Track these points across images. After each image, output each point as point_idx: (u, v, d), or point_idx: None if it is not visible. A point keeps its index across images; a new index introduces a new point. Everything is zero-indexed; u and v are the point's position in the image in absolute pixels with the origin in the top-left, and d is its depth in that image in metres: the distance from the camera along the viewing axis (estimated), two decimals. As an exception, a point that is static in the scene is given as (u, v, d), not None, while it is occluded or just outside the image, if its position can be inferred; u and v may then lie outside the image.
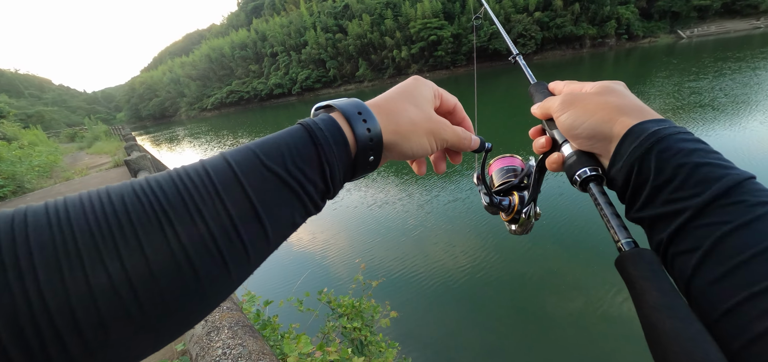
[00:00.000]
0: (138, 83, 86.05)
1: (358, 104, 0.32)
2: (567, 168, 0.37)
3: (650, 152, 0.29)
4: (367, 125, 0.31)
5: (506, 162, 0.52)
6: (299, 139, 0.28)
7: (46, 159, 8.62)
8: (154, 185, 0.23)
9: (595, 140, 0.34)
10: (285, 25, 62.84)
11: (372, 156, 0.31)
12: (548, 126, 0.41)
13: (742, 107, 8.20)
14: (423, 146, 0.35)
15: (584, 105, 0.35)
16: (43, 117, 42.25)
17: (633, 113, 0.32)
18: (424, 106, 0.36)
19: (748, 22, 39.32)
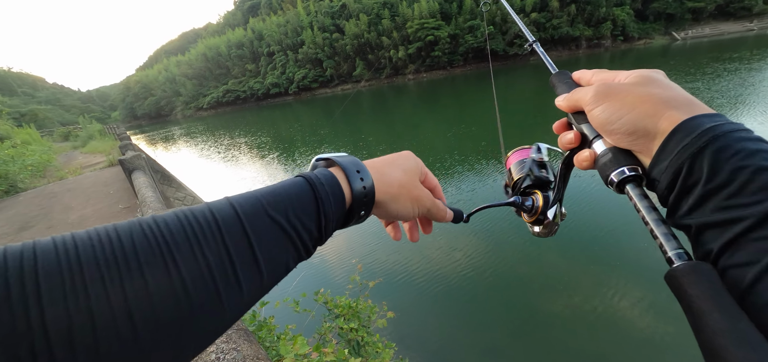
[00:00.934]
0: (133, 82, 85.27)
1: (356, 162, 0.36)
2: (601, 167, 0.34)
3: (704, 152, 0.26)
4: (364, 183, 0.34)
5: (525, 154, 0.50)
6: (303, 193, 0.31)
7: (39, 158, 8.51)
8: (160, 224, 0.24)
9: (635, 136, 0.31)
10: (282, 24, 62.59)
11: (364, 211, 0.35)
12: (576, 120, 0.38)
13: (740, 107, 8.29)
14: (407, 210, 0.39)
15: (623, 97, 0.32)
16: (37, 116, 41.74)
17: (682, 106, 0.29)
18: (411, 175, 0.40)
19: (741, 25, 39.81)
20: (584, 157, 0.36)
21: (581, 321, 3.00)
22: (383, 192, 0.36)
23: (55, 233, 1.94)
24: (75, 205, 4.64)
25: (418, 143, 10.08)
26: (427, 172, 0.44)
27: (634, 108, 0.30)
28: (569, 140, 0.38)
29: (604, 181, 0.33)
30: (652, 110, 0.29)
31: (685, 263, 0.25)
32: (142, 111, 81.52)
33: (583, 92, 0.36)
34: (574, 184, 5.38)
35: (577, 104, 0.37)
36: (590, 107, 0.34)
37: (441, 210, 0.43)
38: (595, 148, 0.35)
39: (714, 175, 0.25)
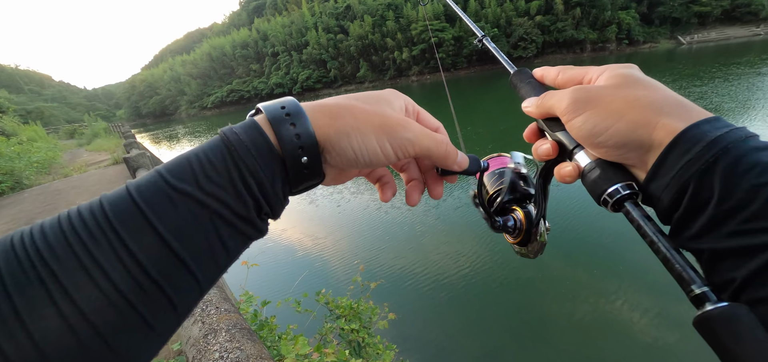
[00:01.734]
0: (138, 81, 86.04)
1: (287, 101, 0.27)
2: (590, 185, 0.29)
3: (713, 169, 0.22)
4: (295, 127, 0.25)
5: (498, 163, 0.44)
6: (212, 150, 0.24)
7: (44, 155, 8.60)
8: (36, 235, 0.19)
9: (626, 149, 0.27)
10: (286, 24, 62.95)
11: (306, 158, 0.26)
12: (549, 127, 0.33)
13: (750, 111, 8.22)
14: (371, 148, 0.27)
15: (607, 104, 0.27)
16: (43, 113, 42.20)
17: (676, 111, 0.25)
18: (376, 104, 0.30)
19: (748, 29, 39.49)
20: (567, 172, 0.31)
21: (583, 325, 2.97)
22: (325, 128, 0.26)
23: (60, 229, 1.91)
24: (80, 202, 4.66)
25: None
26: (420, 110, 0.34)
27: (621, 117, 0.26)
28: (546, 151, 0.33)
29: (594, 199, 0.29)
30: (643, 118, 0.26)
31: (723, 308, 0.22)
32: (147, 110, 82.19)
33: (557, 99, 0.31)
34: (572, 188, 5.34)
35: (549, 111, 0.32)
36: (568, 117, 0.29)
37: (443, 143, 0.30)
38: (578, 160, 0.30)
39: (728, 195, 0.22)
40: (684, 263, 0.25)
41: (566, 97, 0.30)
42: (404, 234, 4.87)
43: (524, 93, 0.37)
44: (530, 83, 0.37)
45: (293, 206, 6.72)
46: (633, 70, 0.30)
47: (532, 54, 44.62)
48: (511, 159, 0.43)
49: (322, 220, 5.79)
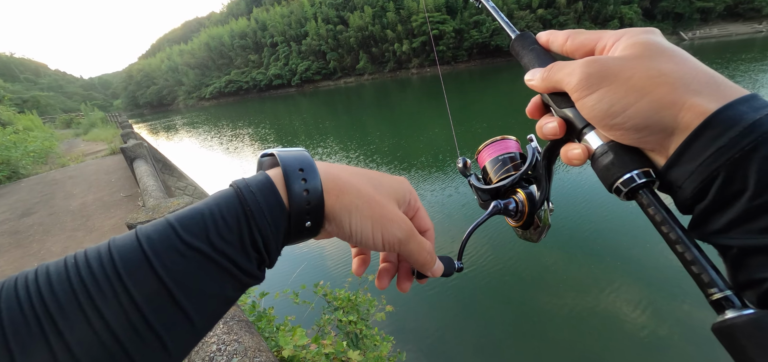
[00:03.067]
0: (135, 70, 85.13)
1: (304, 159, 0.28)
2: (602, 170, 0.27)
3: (750, 157, 0.20)
4: (307, 185, 0.27)
5: (500, 148, 0.41)
6: (227, 207, 0.25)
7: (41, 145, 8.53)
8: (40, 278, 0.19)
9: (647, 132, 0.24)
10: (286, 15, 62.18)
11: (309, 222, 0.27)
12: (556, 103, 0.30)
13: None
14: (365, 231, 0.28)
15: (625, 79, 0.24)
16: (39, 102, 41.74)
17: (706, 88, 0.23)
18: (385, 192, 0.31)
19: (750, 26, 39.31)
20: (575, 154, 0.28)
21: (579, 318, 3.00)
22: (334, 200, 0.28)
23: (57, 219, 1.96)
24: (77, 192, 4.66)
25: (420, 138, 10.05)
26: (419, 207, 0.35)
27: (643, 95, 0.23)
28: (552, 130, 0.30)
29: (605, 186, 0.27)
30: (670, 97, 0.23)
31: (750, 316, 0.20)
32: (145, 100, 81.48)
33: (566, 72, 0.28)
34: (571, 174, 5.36)
35: (557, 86, 0.29)
36: (580, 94, 0.26)
37: (425, 252, 0.32)
38: (588, 142, 0.28)
39: (765, 187, 0.20)
40: (706, 262, 0.23)
41: (578, 70, 0.26)
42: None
43: (527, 62, 0.33)
44: (534, 50, 0.33)
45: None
46: (655, 36, 0.26)
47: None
48: (517, 143, 0.41)
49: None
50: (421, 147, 8.91)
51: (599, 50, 0.28)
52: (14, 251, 2.92)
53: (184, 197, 1.21)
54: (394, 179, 0.33)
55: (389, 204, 0.30)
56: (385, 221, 0.29)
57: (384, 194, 0.30)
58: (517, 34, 0.36)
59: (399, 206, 0.31)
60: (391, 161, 7.93)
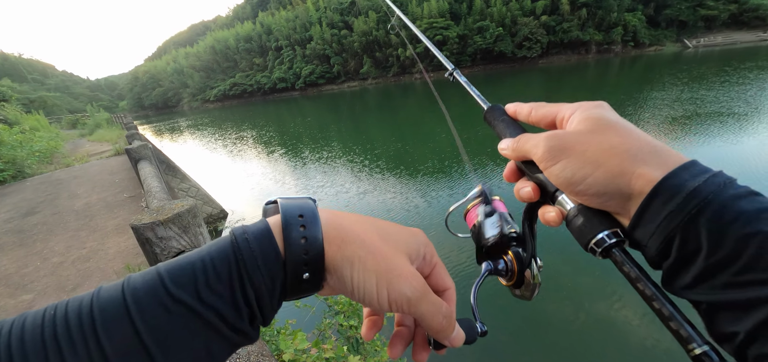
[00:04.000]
0: (141, 72, 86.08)
1: (305, 207, 0.26)
2: (576, 231, 0.29)
3: (697, 220, 0.22)
4: (305, 232, 0.25)
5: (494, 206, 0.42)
6: (219, 255, 0.23)
7: (47, 145, 8.62)
8: (14, 331, 0.19)
9: (607, 197, 0.27)
10: (291, 19, 62.77)
11: (307, 273, 0.25)
12: (529, 170, 0.33)
13: (761, 115, 8.20)
14: (368, 287, 0.25)
15: (581, 152, 0.27)
16: (46, 102, 42.30)
17: (650, 158, 0.25)
18: (392, 244, 0.28)
19: (754, 34, 39.17)
20: (551, 217, 0.31)
21: (580, 323, 2.97)
22: (335, 250, 0.25)
23: (60, 219, 1.96)
24: (81, 192, 4.69)
25: (427, 144, 10.05)
26: (437, 263, 0.31)
27: (598, 165, 0.26)
28: (528, 194, 0.33)
29: (581, 246, 0.29)
30: (620, 167, 0.26)
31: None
32: (150, 101, 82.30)
33: (532, 144, 0.31)
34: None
35: (526, 156, 0.32)
36: (545, 164, 0.30)
37: (440, 315, 0.27)
38: (562, 204, 0.30)
39: (716, 247, 0.22)
40: (681, 318, 0.24)
41: (541, 144, 0.30)
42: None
43: (499, 131, 0.38)
44: (504, 121, 0.37)
45: (294, 201, 6.72)
46: (605, 111, 0.29)
47: (537, 54, 44.39)
48: (499, 199, 0.41)
49: (322, 216, 5.79)
50: (426, 153, 8.91)
51: (559, 121, 0.32)
52: (18, 250, 2.94)
53: (188, 199, 1.21)
54: (406, 230, 0.30)
55: (398, 257, 0.27)
56: (392, 276, 0.26)
57: (393, 245, 0.28)
58: (489, 106, 0.40)
59: (411, 261, 0.28)
60: (396, 166, 7.93)
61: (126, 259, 2.46)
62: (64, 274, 2.39)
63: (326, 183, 7.32)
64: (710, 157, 6.04)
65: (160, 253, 1.12)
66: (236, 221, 6.04)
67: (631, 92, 14.40)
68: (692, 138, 7.20)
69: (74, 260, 2.59)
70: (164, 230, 1.11)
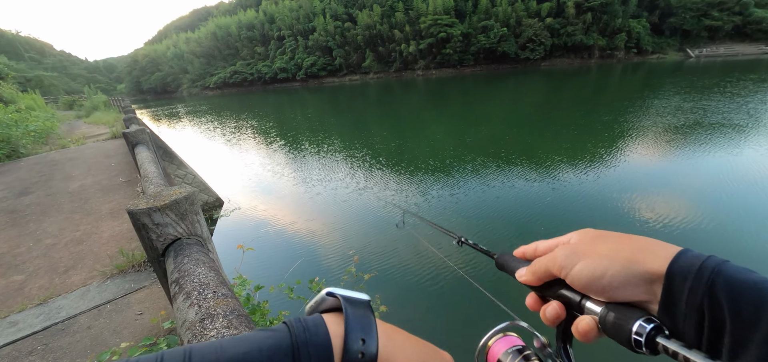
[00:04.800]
0: (141, 56, 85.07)
1: (366, 320, 0.28)
2: (612, 329, 0.29)
3: (713, 292, 0.24)
4: (363, 348, 0.26)
5: (511, 342, 0.39)
6: (280, 355, 0.24)
7: (42, 125, 8.52)
8: None
9: (630, 287, 0.28)
10: (294, 9, 62.15)
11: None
12: (549, 292, 0.35)
13: (761, 127, 8.26)
14: None
15: (594, 253, 0.31)
16: (43, 82, 41.77)
17: (652, 247, 0.28)
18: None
19: (756, 47, 39.27)
20: (586, 327, 0.30)
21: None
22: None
23: (54, 200, 1.92)
24: (76, 174, 4.64)
25: (428, 140, 10.03)
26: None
27: (612, 259, 0.29)
28: (555, 313, 0.33)
29: (623, 344, 0.28)
30: (631, 256, 0.28)
31: None
32: (148, 85, 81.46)
33: (550, 259, 0.34)
34: (575, 187, 5.35)
35: (547, 272, 0.34)
36: (567, 270, 0.32)
37: None
38: (591, 311, 0.31)
39: (737, 314, 0.23)
40: None
41: (558, 254, 0.33)
42: (398, 228, 4.87)
43: (513, 267, 0.40)
44: (515, 259, 0.41)
45: (293, 191, 6.70)
46: (597, 230, 0.34)
47: (540, 56, 44.29)
48: (516, 335, 0.39)
49: (321, 209, 5.78)
50: (427, 150, 8.90)
51: (561, 245, 0.36)
52: (10, 230, 2.91)
53: (185, 186, 1.18)
54: (429, 350, 0.32)
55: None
56: None
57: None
58: (498, 253, 0.45)
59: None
60: (398, 163, 7.91)
61: (120, 243, 2.44)
62: (56, 256, 2.36)
63: (325, 178, 7.29)
64: (713, 167, 6.12)
65: (156, 239, 1.10)
66: (232, 211, 6.02)
67: (634, 98, 14.43)
68: (695, 147, 7.24)
69: (67, 242, 2.57)
70: (161, 216, 1.09)
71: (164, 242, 1.11)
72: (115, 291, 1.90)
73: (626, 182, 5.77)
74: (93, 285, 1.98)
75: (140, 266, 2.10)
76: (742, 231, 4.09)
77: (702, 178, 5.73)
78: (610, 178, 6.01)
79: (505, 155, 7.71)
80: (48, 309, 1.80)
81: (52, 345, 1.55)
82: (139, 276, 2.03)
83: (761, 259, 3.59)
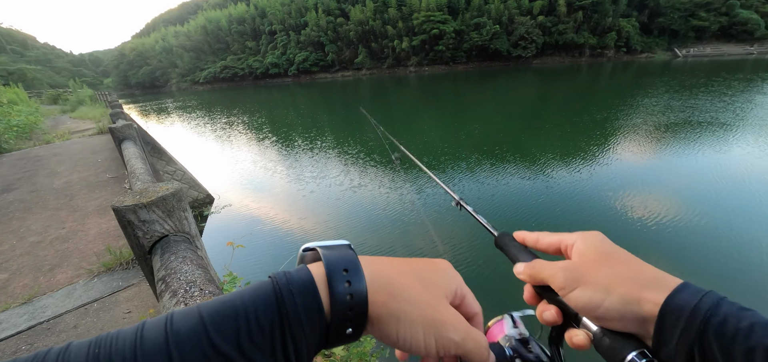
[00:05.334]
0: (128, 49, 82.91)
1: (348, 258, 0.26)
2: (605, 352, 0.31)
3: (704, 336, 0.25)
4: (351, 288, 0.25)
5: (501, 330, 0.43)
6: (264, 307, 0.23)
7: (25, 120, 8.27)
8: None
9: (624, 321, 0.29)
10: (286, 3, 61.28)
11: (350, 329, 0.25)
12: (547, 294, 0.35)
13: (746, 125, 8.50)
14: (415, 338, 0.26)
15: (594, 281, 0.31)
16: (25, 75, 40.44)
17: (651, 284, 0.29)
18: (433, 290, 0.29)
19: (742, 47, 40.33)
20: (580, 341, 0.32)
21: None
22: (380, 305, 0.26)
23: (39, 197, 1.88)
24: (61, 170, 4.52)
25: (423, 138, 10.05)
26: (467, 293, 0.33)
27: (609, 291, 0.30)
28: (551, 317, 0.34)
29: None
30: (629, 293, 0.29)
31: None
32: (136, 80, 79.51)
33: (549, 274, 0.34)
34: (569, 184, 5.43)
35: (541, 280, 0.35)
36: (564, 292, 0.33)
37: (483, 349, 0.29)
38: (586, 326, 0.32)
39: (728, 357, 0.24)
40: None
41: (559, 274, 0.33)
42: (395, 224, 4.88)
43: (512, 256, 0.41)
44: (515, 246, 0.41)
45: (285, 189, 6.65)
46: (602, 242, 0.34)
47: (531, 54, 44.66)
48: (506, 324, 0.42)
49: (314, 203, 5.76)
50: (421, 147, 8.91)
51: (564, 249, 0.36)
52: (-8, 228, 2.83)
53: (173, 182, 1.17)
54: (439, 268, 0.32)
55: (441, 304, 0.29)
56: (439, 325, 0.27)
57: (434, 291, 0.29)
58: (499, 233, 0.44)
59: (450, 300, 0.30)
60: (391, 161, 7.91)
61: (107, 241, 2.39)
62: (41, 254, 2.31)
63: (318, 175, 7.25)
64: (701, 164, 6.30)
65: (142, 236, 1.09)
66: (222, 207, 5.95)
67: (625, 96, 14.68)
68: (684, 145, 7.41)
69: (52, 240, 2.51)
70: (147, 213, 1.07)
71: (151, 240, 1.09)
72: (103, 290, 1.87)
73: (620, 177, 5.89)
74: (79, 283, 1.94)
75: (128, 264, 2.07)
76: (731, 225, 4.21)
77: (693, 174, 5.88)
78: (603, 174, 6.13)
79: (499, 152, 7.78)
80: (33, 307, 1.77)
81: (37, 345, 1.52)
82: (127, 273, 2.00)
83: (748, 252, 3.71)
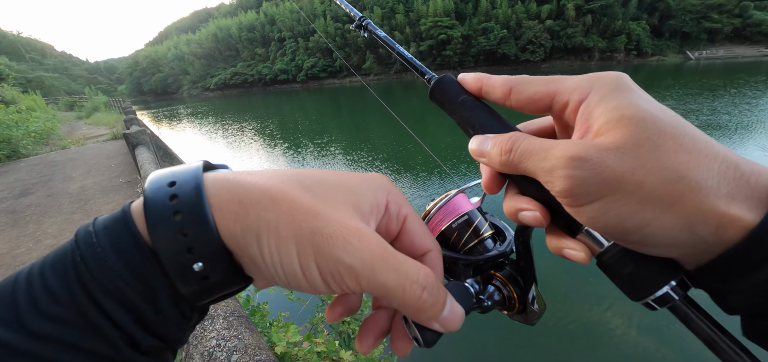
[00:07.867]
0: (142, 57, 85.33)
1: (180, 170, 0.19)
2: (620, 280, 0.21)
3: None
4: (177, 204, 0.17)
5: (451, 209, 0.32)
6: (53, 264, 0.16)
7: (43, 126, 8.53)
8: None
9: (673, 248, 0.18)
10: (295, 11, 62.38)
11: (200, 263, 0.17)
12: (528, 185, 0.22)
13: None
14: (287, 263, 0.17)
15: (635, 188, 0.17)
16: (43, 83, 41.86)
17: (735, 187, 0.17)
18: (328, 196, 0.19)
19: (756, 49, 39.32)
20: (576, 258, 0.22)
21: (577, 330, 2.98)
22: (233, 217, 0.17)
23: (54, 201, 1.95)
24: (76, 175, 4.64)
25: (436, 143, 10.03)
26: (409, 215, 0.23)
27: (666, 207, 0.17)
28: (535, 219, 0.22)
29: (630, 297, 0.22)
30: (702, 209, 0.17)
31: None
32: (149, 87, 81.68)
33: (543, 167, 0.20)
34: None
35: (525, 172, 0.21)
36: (571, 202, 0.19)
37: (412, 284, 0.18)
38: (593, 240, 0.22)
39: None
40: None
41: (562, 173, 0.19)
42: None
43: (463, 120, 0.25)
44: (467, 104, 0.25)
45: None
46: (646, 102, 0.19)
47: (540, 58, 44.39)
48: (465, 197, 0.32)
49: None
50: (428, 153, 8.90)
51: (559, 108, 0.22)
52: (10, 231, 2.91)
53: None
54: (354, 175, 0.22)
55: (332, 211, 0.19)
56: (321, 241, 0.17)
57: (324, 196, 0.19)
58: (436, 78, 0.27)
59: (361, 215, 0.20)
60: (405, 167, 7.92)
61: (120, 244, 2.44)
62: (56, 256, 2.37)
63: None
64: None
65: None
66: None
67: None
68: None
69: (67, 243, 2.57)
70: (159, 217, 1.09)
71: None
72: (114, 292, 1.90)
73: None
74: (92, 285, 1.98)
75: (139, 266, 2.10)
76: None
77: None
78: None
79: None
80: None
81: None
82: (138, 276, 2.03)
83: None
